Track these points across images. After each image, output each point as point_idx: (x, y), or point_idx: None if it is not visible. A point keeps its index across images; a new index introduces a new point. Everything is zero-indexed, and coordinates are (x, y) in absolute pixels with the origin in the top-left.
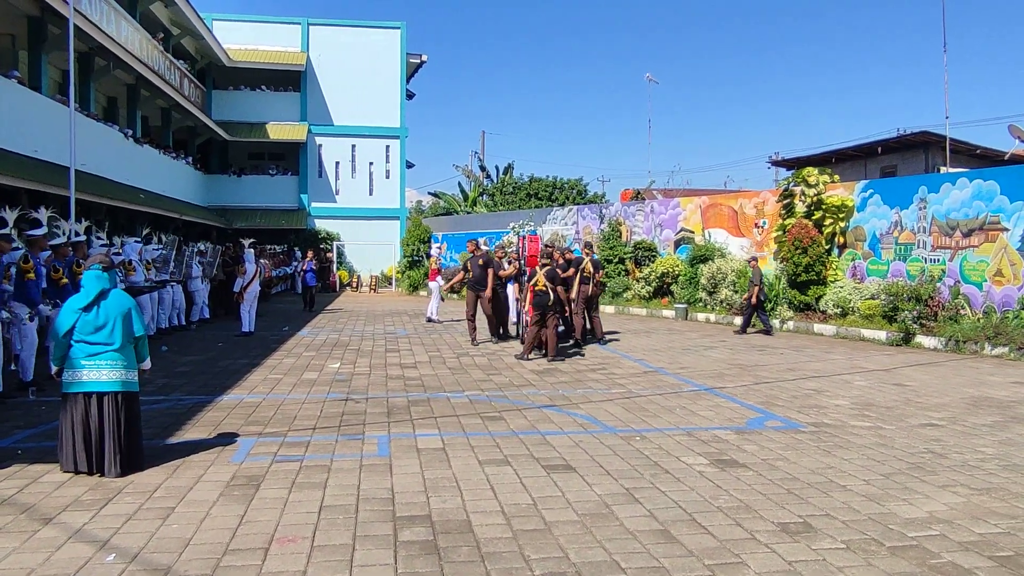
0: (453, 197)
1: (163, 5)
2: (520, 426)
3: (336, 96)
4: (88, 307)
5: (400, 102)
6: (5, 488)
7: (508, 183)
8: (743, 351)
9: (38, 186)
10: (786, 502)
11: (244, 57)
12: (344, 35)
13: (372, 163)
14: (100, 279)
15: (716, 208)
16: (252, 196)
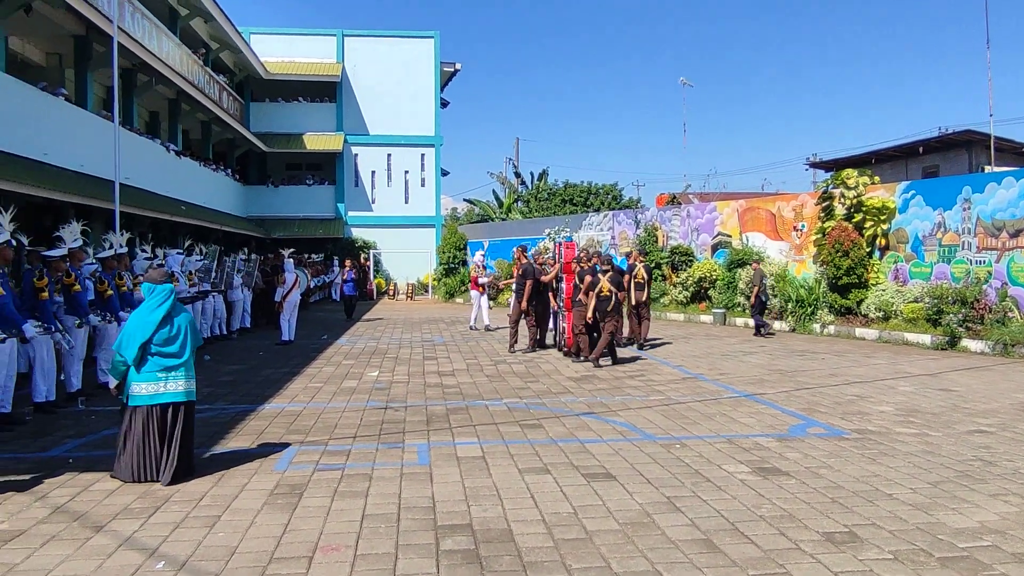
0: (488, 204)
1: (203, 21)
2: (559, 434)
3: (371, 106)
4: (164, 320)
5: (434, 111)
6: (58, 496)
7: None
8: (783, 356)
9: (84, 200)
10: (831, 511)
11: (281, 69)
12: (378, 45)
13: (407, 171)
14: (171, 292)
15: (753, 211)
16: (290, 206)
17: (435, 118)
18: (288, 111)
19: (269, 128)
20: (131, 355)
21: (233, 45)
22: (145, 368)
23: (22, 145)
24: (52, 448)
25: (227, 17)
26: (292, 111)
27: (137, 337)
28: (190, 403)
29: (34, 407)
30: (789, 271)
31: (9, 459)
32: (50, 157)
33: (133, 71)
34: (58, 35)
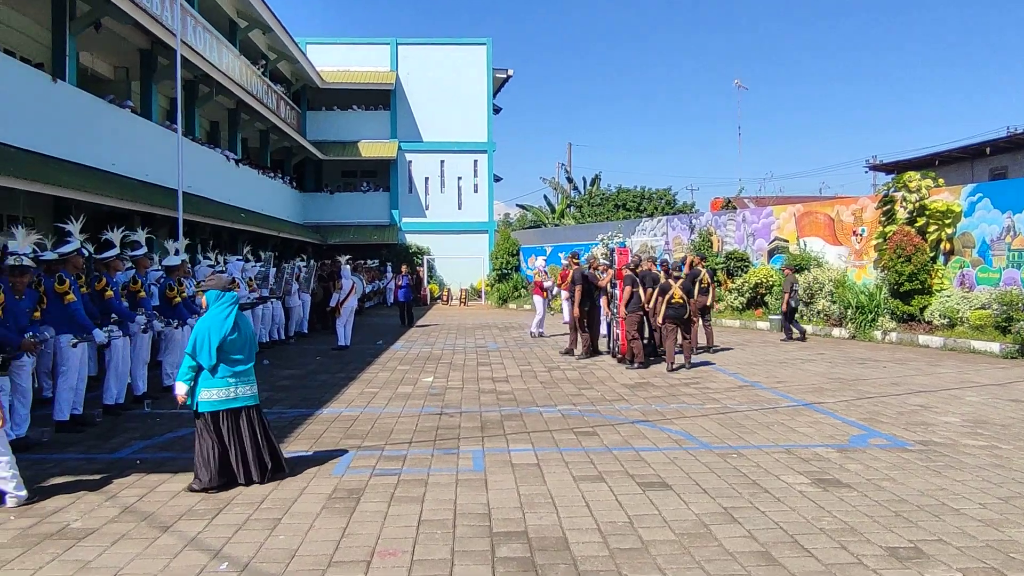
0: (540, 209)
1: (261, 32)
2: (614, 442)
3: (425, 113)
4: (233, 326)
5: (487, 117)
6: (127, 497)
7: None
8: (843, 364)
9: (149, 208)
10: (894, 525)
11: (336, 78)
12: (432, 53)
13: (460, 178)
14: (235, 299)
15: (811, 216)
16: (345, 213)
17: (488, 124)
18: (343, 119)
19: (325, 136)
20: (208, 360)
21: (290, 55)
22: (217, 374)
23: (92, 156)
24: (121, 449)
25: (284, 29)
26: (347, 119)
27: (213, 342)
28: (259, 405)
29: (103, 409)
30: (848, 277)
31: (82, 459)
32: (118, 167)
33: (195, 83)
34: (125, 50)
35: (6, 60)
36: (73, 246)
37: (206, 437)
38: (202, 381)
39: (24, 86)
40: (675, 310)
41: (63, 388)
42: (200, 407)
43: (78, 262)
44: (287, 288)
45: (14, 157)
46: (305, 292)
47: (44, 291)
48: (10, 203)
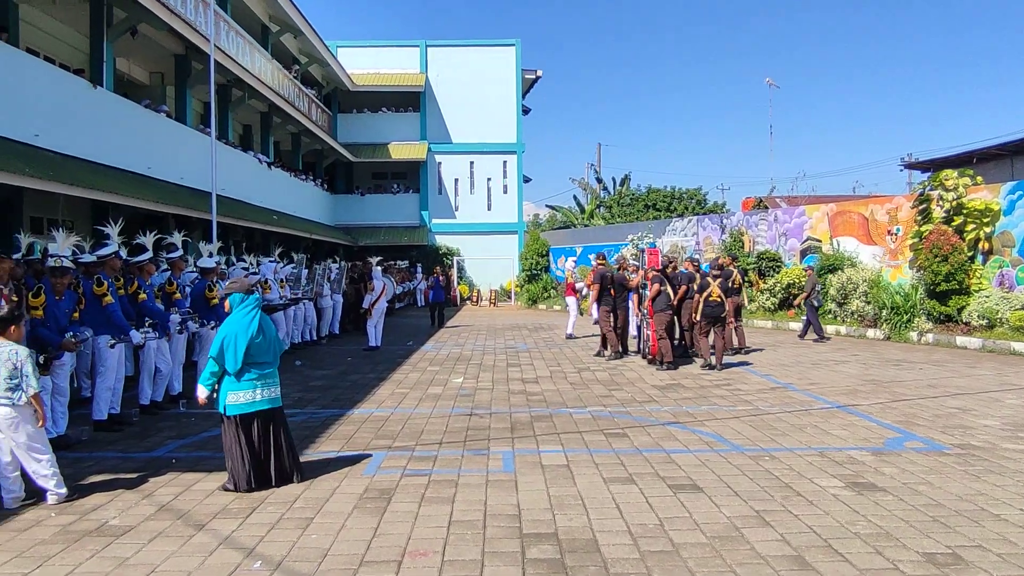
0: (570, 210)
1: (292, 36)
2: (644, 443)
3: (454, 114)
4: (259, 330)
5: (516, 118)
6: (163, 495)
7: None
8: (877, 366)
9: (184, 211)
10: (931, 531)
11: (367, 81)
12: (461, 55)
13: (490, 179)
14: (259, 301)
15: (845, 215)
16: (376, 214)
17: (517, 125)
18: (374, 121)
19: (356, 138)
20: (234, 365)
21: (321, 59)
22: (243, 377)
23: (129, 160)
24: (156, 448)
25: (316, 32)
26: (377, 121)
27: (240, 345)
28: (282, 408)
29: (140, 408)
30: (883, 277)
31: (119, 458)
32: (153, 171)
33: (228, 87)
34: (160, 55)
35: (46, 67)
36: (111, 249)
37: (234, 440)
38: (228, 384)
39: (64, 92)
40: (712, 308)
41: (101, 388)
42: (228, 410)
43: (116, 264)
44: (319, 289)
45: (54, 162)
46: (337, 293)
47: (83, 293)
48: (50, 206)
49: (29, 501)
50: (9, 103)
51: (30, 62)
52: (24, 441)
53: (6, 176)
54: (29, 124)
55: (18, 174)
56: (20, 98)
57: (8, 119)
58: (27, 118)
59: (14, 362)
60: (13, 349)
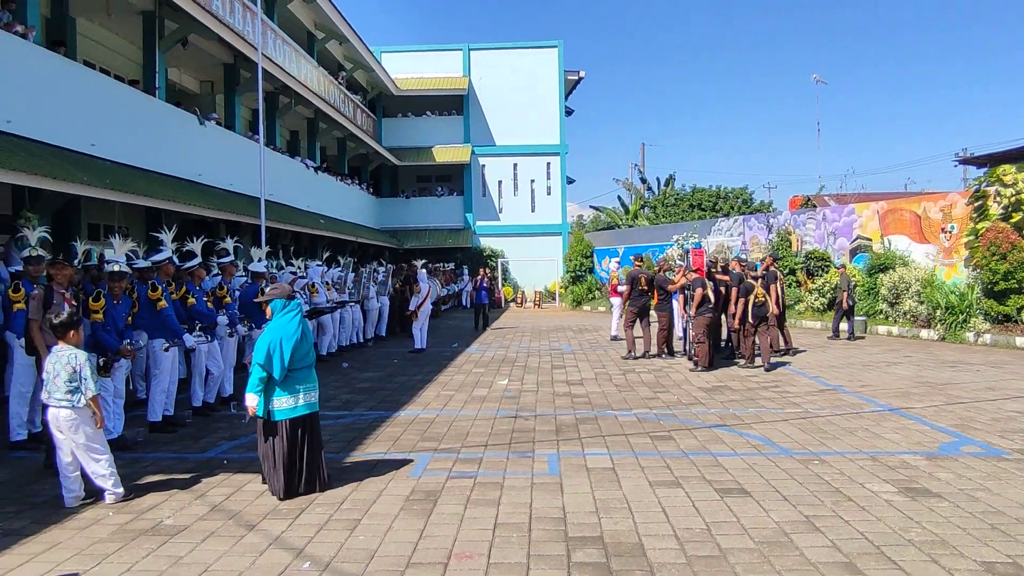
0: (614, 211)
1: (338, 43)
2: (690, 446)
3: (497, 117)
4: (302, 335)
5: (559, 119)
6: (215, 495)
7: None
8: (931, 367)
9: (234, 216)
10: (990, 539)
11: (410, 85)
12: (503, 57)
13: (533, 180)
14: (300, 306)
15: (896, 213)
16: (420, 217)
17: (560, 126)
18: (418, 125)
19: (400, 142)
20: (280, 371)
21: (366, 65)
22: (287, 382)
23: (181, 167)
24: (209, 449)
25: (360, 39)
26: (421, 125)
27: (286, 351)
28: (317, 414)
29: (193, 410)
30: (937, 276)
31: (174, 458)
32: (204, 177)
33: (275, 94)
34: (210, 64)
35: (102, 78)
36: (165, 255)
37: (275, 445)
38: (274, 389)
39: (119, 102)
40: (760, 309)
41: (156, 390)
42: (274, 415)
43: (169, 270)
44: (365, 292)
45: (110, 170)
46: (383, 295)
47: (137, 297)
48: (107, 213)
49: (88, 500)
50: (68, 114)
51: (87, 74)
52: (84, 442)
53: (66, 185)
54: (86, 134)
55: (77, 183)
56: (78, 109)
57: (67, 129)
58: (84, 128)
59: (73, 366)
60: (72, 353)
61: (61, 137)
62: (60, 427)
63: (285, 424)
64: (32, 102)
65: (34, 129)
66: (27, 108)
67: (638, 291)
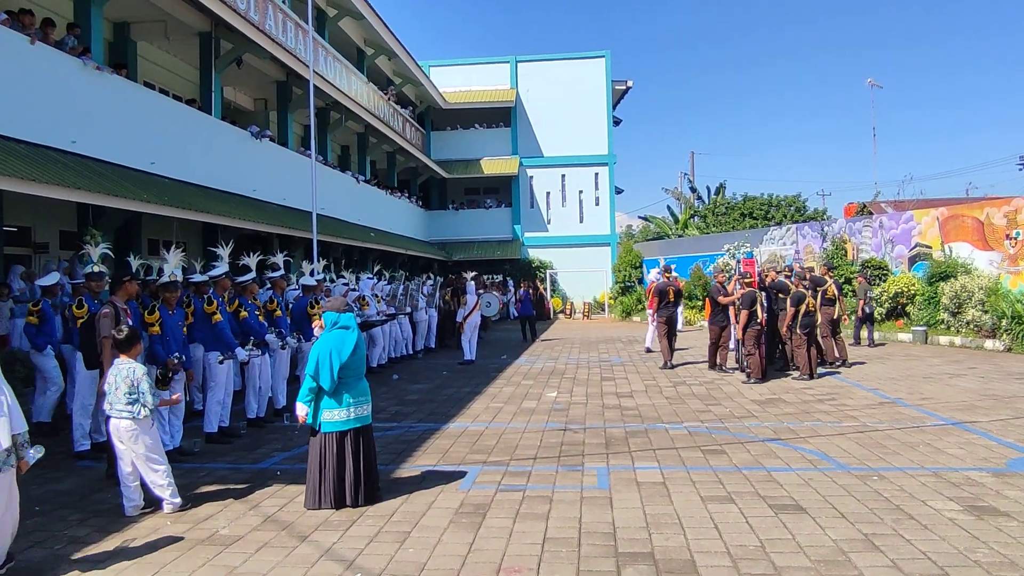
0: (663, 220)
1: (387, 59)
2: (743, 461)
3: (545, 128)
4: (354, 348)
5: (607, 129)
6: (268, 506)
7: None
8: (997, 380)
9: (287, 231)
10: None
11: (458, 99)
12: (550, 68)
13: (581, 191)
14: (352, 320)
15: (957, 219)
16: (469, 229)
17: (608, 137)
18: (466, 138)
19: (448, 155)
20: (330, 383)
21: (414, 79)
22: (337, 394)
23: (236, 183)
24: (263, 461)
25: (409, 53)
26: (469, 137)
27: (334, 364)
28: (370, 426)
29: (248, 422)
30: (1002, 284)
31: (229, 469)
32: (258, 193)
33: (326, 110)
34: (263, 82)
35: (161, 98)
36: (222, 269)
37: (322, 457)
38: (324, 401)
39: (177, 121)
40: (810, 318)
41: (212, 402)
42: (324, 427)
43: (226, 284)
44: (414, 304)
45: (168, 187)
46: (431, 307)
47: (193, 310)
48: (165, 229)
49: (148, 510)
50: (128, 133)
51: (147, 95)
52: (143, 452)
53: (127, 202)
54: (146, 153)
55: (137, 200)
56: (138, 128)
57: (128, 148)
58: (144, 147)
59: (132, 379)
60: (131, 367)
61: (122, 156)
62: (121, 437)
63: (333, 436)
64: (95, 123)
65: (97, 149)
66: (90, 129)
67: (665, 303)
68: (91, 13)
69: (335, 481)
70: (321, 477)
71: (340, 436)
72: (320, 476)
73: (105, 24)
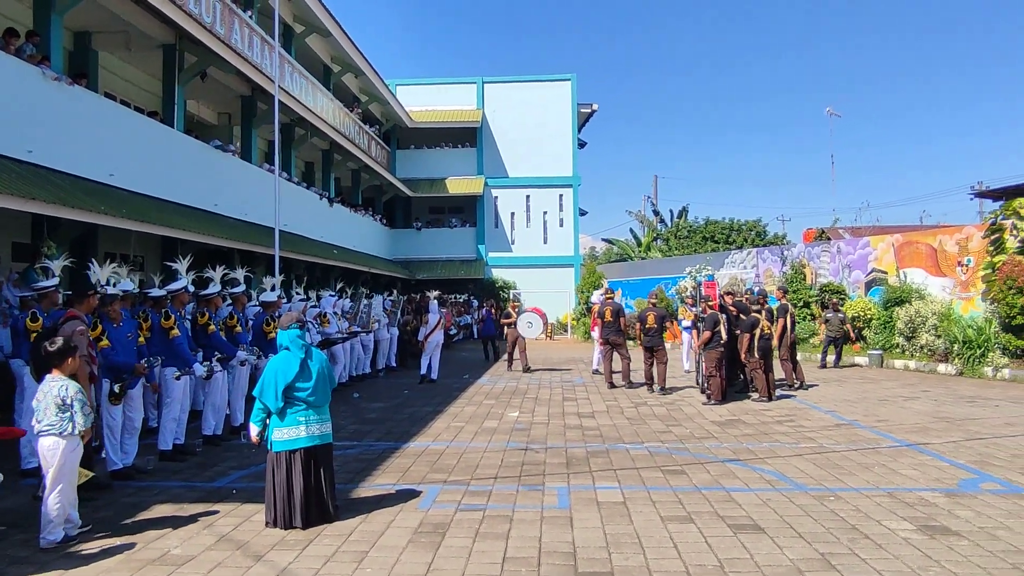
0: (626, 243)
1: (353, 76)
2: (703, 481)
3: (510, 149)
4: (301, 365)
5: (572, 151)
6: (222, 525)
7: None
8: (949, 402)
9: (248, 246)
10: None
11: (424, 118)
12: (517, 90)
13: (546, 212)
14: (303, 337)
15: (912, 246)
16: (433, 248)
17: (573, 159)
18: (431, 157)
19: (414, 174)
20: (275, 403)
21: (381, 97)
22: (288, 413)
23: (197, 197)
24: (218, 479)
25: (375, 72)
26: (435, 157)
27: (279, 384)
28: (328, 446)
29: (204, 439)
30: (954, 310)
31: (183, 487)
32: (220, 207)
33: (291, 126)
34: (228, 96)
35: (122, 110)
36: (181, 284)
37: (275, 476)
38: (273, 420)
39: (138, 133)
40: (765, 341)
41: (167, 419)
42: (273, 446)
43: (184, 299)
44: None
45: (127, 200)
46: (392, 326)
47: (150, 325)
48: (123, 242)
49: (85, 528)
50: (87, 144)
51: (107, 106)
52: (54, 473)
53: (84, 214)
54: (105, 164)
55: (95, 212)
56: (97, 139)
57: (86, 159)
58: (103, 158)
59: (63, 397)
60: (63, 384)
61: (80, 167)
62: (44, 455)
63: (284, 456)
64: (53, 133)
65: (55, 159)
66: (48, 138)
67: (605, 324)
68: (51, 21)
69: (284, 500)
70: (274, 496)
71: (290, 455)
72: (273, 495)
73: (66, 33)
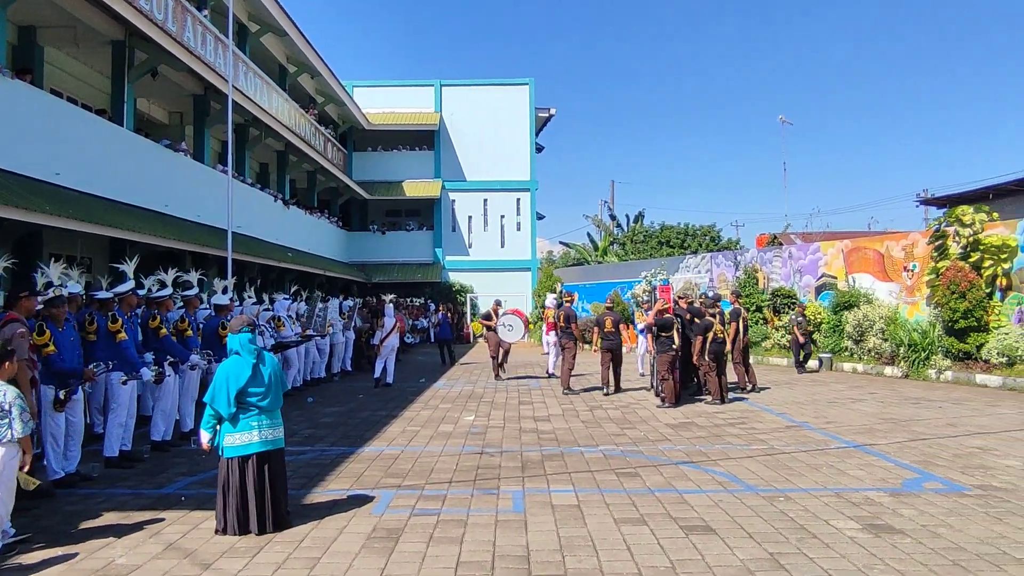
0: (583, 247)
1: (309, 77)
2: (656, 483)
3: (468, 152)
4: (253, 370)
5: (530, 155)
6: (170, 533)
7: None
8: (895, 404)
9: (200, 248)
10: (952, 575)
11: (382, 120)
12: (475, 94)
13: (503, 216)
14: (253, 341)
15: (860, 252)
16: (390, 251)
17: (530, 163)
18: (388, 160)
19: (370, 176)
20: (227, 409)
21: (337, 98)
22: (240, 418)
23: (147, 198)
24: (166, 486)
25: (332, 73)
26: (392, 159)
27: (231, 389)
28: (280, 451)
29: (151, 445)
30: (900, 314)
31: (129, 495)
32: (171, 208)
33: (246, 126)
34: (180, 95)
35: (69, 107)
36: (128, 286)
37: (227, 482)
38: (225, 425)
39: (85, 132)
40: (719, 345)
41: (113, 424)
42: (225, 452)
43: (132, 301)
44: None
45: (74, 200)
46: (348, 330)
47: (96, 328)
48: (70, 243)
49: (24, 537)
50: (32, 142)
51: (53, 103)
52: None
53: (27, 214)
54: (51, 163)
55: (39, 212)
56: (43, 138)
57: (31, 157)
58: (49, 157)
59: (0, 403)
60: (1, 390)
61: (25, 166)
62: None
63: (236, 461)
64: None
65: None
66: None
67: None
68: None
69: (239, 507)
70: (225, 503)
71: (243, 460)
72: (224, 501)
73: (9, 27)
